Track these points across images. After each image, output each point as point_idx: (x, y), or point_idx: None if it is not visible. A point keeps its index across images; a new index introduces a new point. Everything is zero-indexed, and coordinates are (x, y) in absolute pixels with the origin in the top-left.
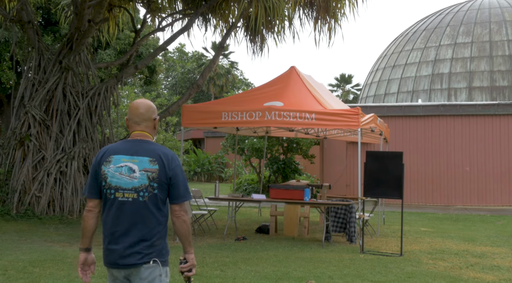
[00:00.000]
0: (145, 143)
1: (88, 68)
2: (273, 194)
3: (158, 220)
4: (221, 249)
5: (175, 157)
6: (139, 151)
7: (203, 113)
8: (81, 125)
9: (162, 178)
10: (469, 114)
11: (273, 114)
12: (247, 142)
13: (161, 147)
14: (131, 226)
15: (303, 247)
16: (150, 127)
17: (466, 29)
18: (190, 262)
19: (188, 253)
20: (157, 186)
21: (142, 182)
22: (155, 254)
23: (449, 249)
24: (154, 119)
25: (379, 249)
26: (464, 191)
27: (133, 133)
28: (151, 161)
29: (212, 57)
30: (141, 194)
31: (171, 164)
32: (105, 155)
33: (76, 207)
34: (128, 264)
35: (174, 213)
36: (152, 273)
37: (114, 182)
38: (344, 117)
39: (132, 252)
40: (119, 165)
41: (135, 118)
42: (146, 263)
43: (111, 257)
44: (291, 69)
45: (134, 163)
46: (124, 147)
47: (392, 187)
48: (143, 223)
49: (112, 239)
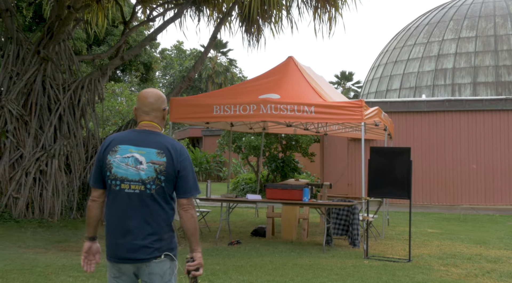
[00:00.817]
0: (153, 134)
1: (71, 59)
2: (270, 194)
3: (166, 213)
4: (212, 254)
5: (183, 150)
6: (147, 142)
7: (193, 107)
8: (63, 120)
9: (170, 171)
10: (475, 110)
11: (268, 107)
12: (244, 139)
13: (169, 139)
14: (139, 219)
15: (302, 252)
16: (159, 117)
17: (470, 23)
18: (197, 261)
19: (196, 252)
20: (165, 179)
21: (149, 174)
22: (165, 248)
23: (460, 253)
24: (163, 109)
25: (385, 254)
26: (471, 189)
27: (141, 123)
28: (159, 153)
29: (204, 49)
30: (148, 186)
31: (179, 157)
32: (111, 144)
33: (57, 209)
34: (139, 258)
35: (182, 207)
36: (163, 267)
37: (120, 173)
38: (346, 110)
39: (142, 246)
40: (126, 155)
41: (144, 108)
42: (157, 258)
43: (119, 251)
44: (288, 59)
45: (141, 154)
46: (131, 137)
47: (399, 186)
48: (151, 216)
49: (120, 232)
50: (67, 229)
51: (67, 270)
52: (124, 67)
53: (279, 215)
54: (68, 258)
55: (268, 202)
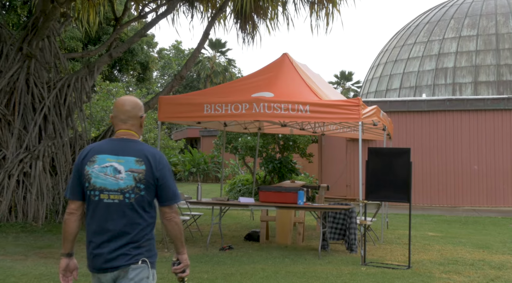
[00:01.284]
0: (132, 142)
1: (57, 57)
2: (263, 197)
3: (146, 222)
4: (201, 261)
5: (163, 158)
6: (125, 150)
7: (182, 106)
8: (48, 120)
9: (149, 179)
10: (477, 109)
11: (261, 106)
12: (241, 140)
13: (148, 147)
14: (118, 229)
15: (296, 258)
16: (136, 125)
17: (471, 22)
18: (183, 263)
19: (181, 254)
20: (144, 187)
21: (128, 183)
22: (145, 255)
23: (462, 259)
24: (140, 116)
25: (384, 260)
26: (472, 191)
27: (118, 131)
28: (138, 161)
29: (197, 45)
30: (127, 195)
31: (158, 165)
32: (89, 154)
33: (41, 213)
34: (116, 266)
35: (164, 216)
36: (140, 274)
37: (99, 183)
38: (343, 108)
39: (119, 254)
40: (104, 165)
41: (120, 116)
42: (134, 264)
43: (97, 261)
44: (283, 56)
45: (120, 163)
46: (109, 146)
47: (398, 189)
48: (130, 226)
49: (98, 243)
50: (51, 234)
51: (43, 280)
52: (121, 66)
53: (274, 218)
54: (47, 265)
55: (261, 205)
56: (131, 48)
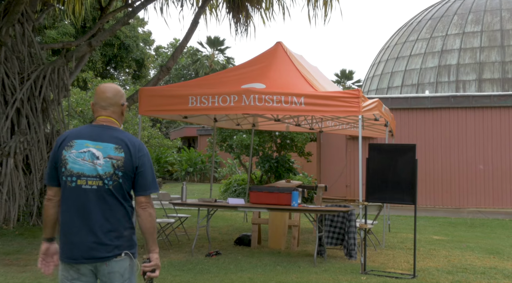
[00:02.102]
0: (111, 129)
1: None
2: (254, 198)
3: (125, 210)
4: (183, 269)
5: (142, 146)
6: (104, 137)
7: (165, 98)
8: (21, 114)
9: (128, 167)
10: (483, 106)
11: (252, 98)
12: (236, 138)
13: (128, 135)
14: (97, 216)
15: (289, 266)
16: (117, 112)
17: (475, 17)
18: (154, 261)
19: (153, 252)
20: (122, 175)
21: (106, 170)
22: (125, 245)
23: (472, 266)
24: (122, 104)
25: (386, 267)
26: (478, 192)
27: (98, 118)
28: (117, 148)
29: (185, 34)
30: (106, 181)
31: (138, 152)
32: (66, 139)
33: (13, 215)
34: (99, 257)
35: (140, 205)
36: (123, 265)
37: (76, 168)
38: (341, 101)
39: (101, 244)
40: (82, 150)
41: (101, 103)
42: (118, 256)
43: (77, 250)
44: (276, 45)
45: (98, 149)
46: (87, 132)
47: (402, 189)
48: (110, 212)
49: (76, 230)
50: (22, 237)
51: None
52: (116, 63)
53: (266, 221)
54: (8, 275)
55: (252, 207)
56: (126, 45)
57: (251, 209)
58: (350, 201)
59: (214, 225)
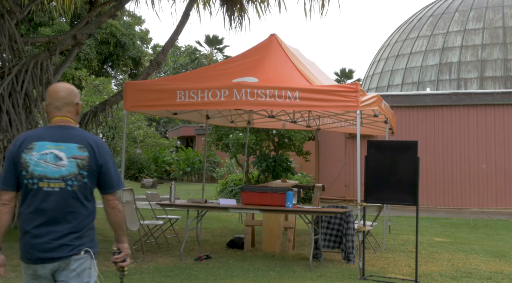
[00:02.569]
0: (71, 129)
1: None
2: (246, 199)
3: (88, 211)
4: (170, 274)
5: (104, 144)
6: (66, 137)
7: (152, 93)
8: (2, 110)
9: (93, 166)
10: (485, 104)
11: (243, 92)
12: (232, 136)
13: (89, 134)
14: (59, 218)
15: (283, 271)
16: (72, 112)
17: (476, 14)
18: (124, 252)
19: (122, 243)
20: (87, 174)
21: (70, 170)
22: (85, 245)
23: (477, 271)
24: (76, 103)
25: (386, 272)
26: (480, 191)
27: (54, 119)
28: (80, 147)
29: (176, 27)
30: (70, 182)
31: (101, 151)
32: (25, 141)
33: None
34: (57, 257)
35: (108, 203)
36: (82, 264)
37: (38, 171)
38: (338, 95)
39: (61, 245)
40: (44, 152)
41: (55, 103)
42: (76, 254)
43: (35, 251)
44: (270, 38)
45: (61, 150)
46: (48, 133)
47: (403, 189)
48: (72, 214)
49: (36, 232)
50: None
51: None
52: (112, 62)
53: (260, 223)
54: None
55: (243, 208)
56: (122, 43)
57: (243, 211)
58: (349, 202)
59: (207, 227)
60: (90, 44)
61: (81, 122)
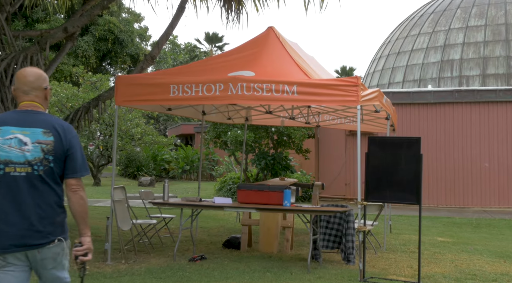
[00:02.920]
0: (37, 113)
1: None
2: (242, 197)
3: (57, 195)
4: (161, 276)
5: (71, 128)
6: (31, 122)
7: (144, 87)
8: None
9: (58, 150)
10: (488, 101)
11: (239, 86)
12: (230, 134)
13: (55, 118)
14: (28, 203)
15: (280, 272)
16: (40, 97)
17: (479, 11)
18: (86, 245)
19: (84, 236)
20: (53, 159)
21: (36, 155)
22: (58, 231)
23: (482, 272)
24: (45, 88)
25: (387, 274)
26: (483, 190)
27: (21, 103)
28: (45, 132)
29: (171, 20)
30: (36, 167)
31: (67, 135)
32: None
33: None
34: (32, 244)
35: (70, 188)
36: (55, 250)
37: (3, 156)
38: (337, 89)
39: (34, 231)
40: (8, 137)
41: (23, 87)
42: (51, 243)
43: (6, 239)
44: (268, 31)
45: (26, 135)
46: (12, 118)
47: (405, 188)
48: (41, 198)
49: (6, 218)
50: None
51: None
52: (111, 59)
53: (257, 222)
54: None
55: (239, 207)
56: (121, 40)
57: (238, 209)
58: (349, 200)
59: (203, 226)
60: (88, 41)
61: (73, 118)
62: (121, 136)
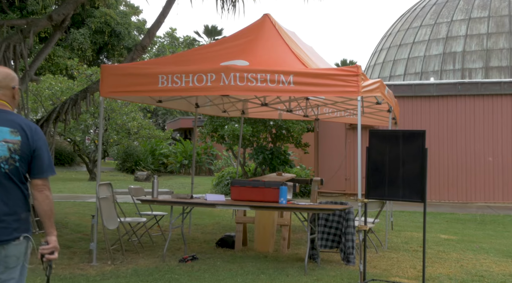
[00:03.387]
0: (4, 112)
1: None
2: (235, 194)
3: (22, 193)
4: (148, 279)
5: (38, 129)
6: None
7: (131, 77)
8: None
9: (25, 150)
10: (492, 94)
11: (232, 76)
12: (227, 127)
13: (23, 118)
14: None
15: (275, 273)
16: (8, 96)
17: (482, 2)
18: (52, 244)
19: (51, 235)
20: (19, 158)
21: (2, 154)
22: (23, 228)
23: (489, 273)
24: (13, 87)
25: (389, 275)
26: (487, 185)
27: None
28: (12, 132)
29: (162, 8)
30: (2, 165)
31: (34, 135)
32: None
33: None
34: None
35: (36, 188)
36: (20, 249)
37: None
38: (337, 79)
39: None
40: None
41: None
42: (16, 240)
43: None
44: (263, 18)
45: None
46: None
47: (408, 184)
48: (7, 195)
49: None
50: None
51: None
52: (108, 52)
53: (252, 220)
54: None
55: (232, 205)
56: (117, 32)
57: (231, 207)
58: (349, 196)
59: (198, 223)
60: (84, 33)
61: (60, 111)
62: (117, 130)
